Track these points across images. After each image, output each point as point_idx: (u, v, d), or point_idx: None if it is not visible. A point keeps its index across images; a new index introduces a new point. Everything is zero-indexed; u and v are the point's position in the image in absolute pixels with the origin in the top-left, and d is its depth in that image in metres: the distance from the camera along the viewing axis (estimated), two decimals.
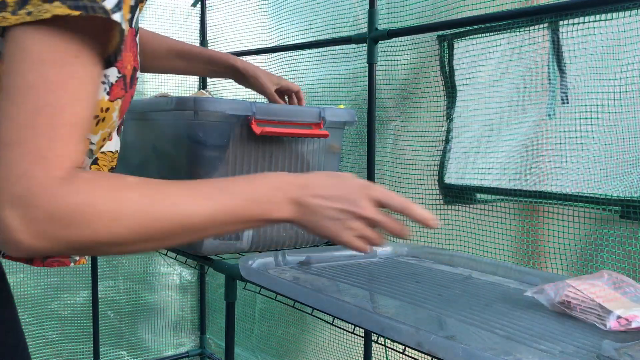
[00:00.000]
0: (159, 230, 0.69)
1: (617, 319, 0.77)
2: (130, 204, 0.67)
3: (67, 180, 0.64)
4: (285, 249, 1.30)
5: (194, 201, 0.72)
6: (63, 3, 0.62)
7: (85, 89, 0.67)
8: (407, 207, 0.87)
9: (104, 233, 0.66)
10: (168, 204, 0.70)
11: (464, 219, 1.48)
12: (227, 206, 0.74)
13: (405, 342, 0.74)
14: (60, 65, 0.65)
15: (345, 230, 0.83)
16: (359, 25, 1.75)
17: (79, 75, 0.66)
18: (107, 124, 0.79)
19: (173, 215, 0.70)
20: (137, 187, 0.69)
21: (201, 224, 0.72)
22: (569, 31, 1.27)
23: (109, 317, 2.38)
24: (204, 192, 0.74)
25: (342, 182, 0.84)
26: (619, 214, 1.20)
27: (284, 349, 2.13)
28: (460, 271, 1.15)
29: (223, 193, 0.75)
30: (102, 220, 0.65)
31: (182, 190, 0.72)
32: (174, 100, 1.29)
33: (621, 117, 1.17)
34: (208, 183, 0.77)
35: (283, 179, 0.81)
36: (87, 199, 0.65)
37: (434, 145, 1.56)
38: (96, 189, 0.66)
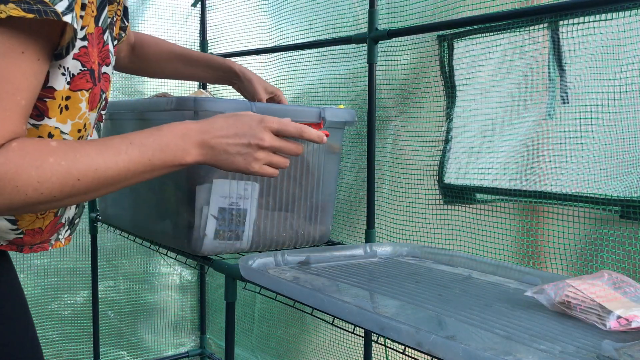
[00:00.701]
0: (81, 186, 0.79)
1: (617, 319, 0.77)
2: (53, 167, 0.76)
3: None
4: (285, 249, 1.30)
5: (109, 157, 0.81)
6: (17, 5, 0.70)
7: (27, 81, 0.75)
8: (301, 130, 1.00)
9: (33, 195, 0.75)
10: (86, 163, 0.79)
11: (464, 219, 1.48)
12: (139, 157, 0.84)
13: (405, 342, 0.74)
14: (6, 59, 0.73)
15: (253, 162, 0.94)
16: (359, 25, 1.75)
17: (23, 70, 0.74)
18: (75, 114, 0.84)
19: (92, 172, 0.79)
20: (58, 151, 0.77)
21: (119, 176, 0.82)
22: (568, 31, 1.27)
23: (109, 317, 2.38)
24: (117, 148, 0.82)
25: (239, 120, 0.93)
26: (619, 214, 1.20)
27: (284, 349, 2.13)
28: (460, 271, 1.15)
29: (134, 147, 0.83)
30: (30, 184, 0.74)
31: (98, 148, 0.81)
32: (174, 100, 1.29)
33: (621, 117, 1.17)
34: (121, 139, 0.84)
35: (186, 126, 0.89)
36: (15, 167, 0.73)
37: (434, 145, 1.56)
38: (23, 157, 0.74)
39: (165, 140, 0.86)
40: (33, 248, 0.95)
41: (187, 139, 0.88)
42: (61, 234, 0.99)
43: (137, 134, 0.85)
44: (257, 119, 0.95)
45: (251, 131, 0.93)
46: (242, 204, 1.34)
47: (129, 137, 0.84)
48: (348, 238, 1.79)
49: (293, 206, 1.41)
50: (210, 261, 1.32)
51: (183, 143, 0.88)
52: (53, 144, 0.78)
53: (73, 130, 0.86)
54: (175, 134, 0.87)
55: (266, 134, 0.94)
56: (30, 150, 0.75)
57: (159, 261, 2.47)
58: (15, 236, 0.90)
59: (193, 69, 1.44)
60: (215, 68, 1.44)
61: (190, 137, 0.89)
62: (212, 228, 1.32)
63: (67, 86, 0.83)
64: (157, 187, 1.41)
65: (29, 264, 2.19)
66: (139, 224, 1.57)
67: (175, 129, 0.88)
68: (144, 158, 0.84)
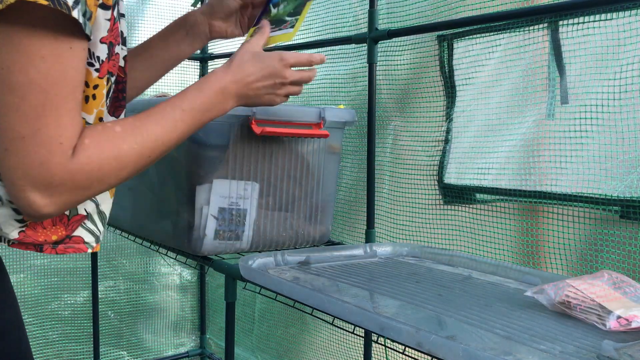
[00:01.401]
0: (152, 159, 0.86)
1: (617, 319, 0.77)
2: (129, 153, 0.82)
3: (77, 153, 0.76)
4: (285, 249, 1.30)
5: (169, 128, 0.88)
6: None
7: (80, 76, 0.77)
8: (310, 59, 1.10)
9: (115, 182, 0.83)
10: (153, 140, 0.85)
11: (464, 219, 1.48)
12: (192, 121, 0.91)
13: (405, 342, 0.74)
14: (58, 60, 0.72)
15: (277, 97, 1.05)
16: (359, 25, 1.75)
17: (75, 65, 0.75)
18: (99, 102, 0.85)
19: (160, 146, 0.86)
20: (126, 136, 0.82)
21: (179, 140, 0.90)
22: (568, 31, 1.27)
23: (109, 317, 2.38)
24: (172, 117, 0.89)
25: (264, 62, 1.02)
26: (619, 214, 1.20)
27: (284, 349, 2.13)
28: (460, 271, 1.15)
29: (186, 113, 0.90)
30: (113, 174, 0.81)
31: (157, 122, 0.87)
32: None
33: (621, 117, 1.17)
34: (172, 107, 0.90)
35: (222, 79, 0.96)
36: (98, 163, 0.78)
37: (434, 145, 1.56)
38: (102, 151, 0.79)
39: (209, 100, 0.94)
40: (58, 248, 0.89)
41: (226, 93, 0.96)
42: (88, 226, 0.92)
43: (183, 97, 0.91)
44: (277, 58, 1.03)
45: (275, 71, 1.02)
46: (242, 204, 1.34)
47: (177, 102, 0.90)
48: (348, 238, 1.79)
49: (293, 206, 1.41)
50: (210, 261, 1.32)
51: (223, 98, 0.96)
52: (118, 129, 0.82)
53: (96, 120, 0.86)
54: (215, 92, 0.95)
55: (287, 71, 1.03)
56: (104, 142, 0.79)
57: (159, 261, 2.47)
58: (20, 229, 0.85)
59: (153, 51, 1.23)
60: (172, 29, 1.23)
61: (229, 90, 0.97)
62: (212, 228, 1.32)
63: (96, 74, 0.83)
64: (157, 187, 1.41)
65: (29, 264, 2.19)
66: (139, 224, 1.57)
67: (214, 85, 0.95)
68: (195, 120, 0.92)
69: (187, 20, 1.20)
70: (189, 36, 1.20)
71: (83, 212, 0.90)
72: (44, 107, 0.73)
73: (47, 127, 0.73)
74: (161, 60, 1.21)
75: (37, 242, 0.86)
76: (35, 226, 0.86)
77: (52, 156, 0.74)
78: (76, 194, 0.78)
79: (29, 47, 0.71)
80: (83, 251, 0.91)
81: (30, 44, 0.71)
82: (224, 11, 1.18)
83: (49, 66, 0.72)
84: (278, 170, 1.36)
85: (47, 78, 0.72)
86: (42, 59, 0.71)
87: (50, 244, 0.88)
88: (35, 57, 0.71)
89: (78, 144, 0.77)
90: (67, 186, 0.76)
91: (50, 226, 0.87)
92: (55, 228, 0.88)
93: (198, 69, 2.45)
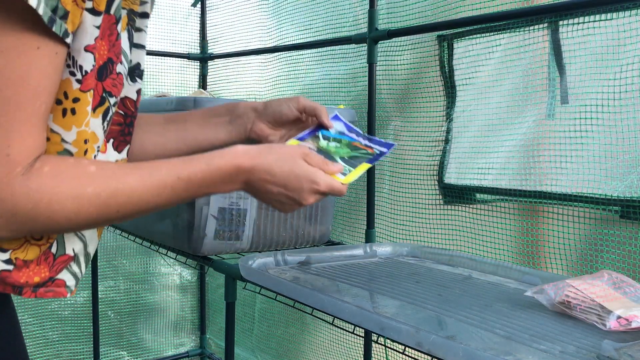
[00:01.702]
0: (118, 216, 0.74)
1: (617, 319, 0.77)
2: (91, 198, 0.70)
3: (28, 177, 0.66)
4: (285, 249, 1.30)
5: (152, 190, 0.75)
6: None
7: (48, 82, 0.67)
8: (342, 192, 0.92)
9: (66, 225, 0.70)
10: (127, 195, 0.73)
11: (464, 219, 1.48)
12: (183, 192, 0.79)
13: (405, 342, 0.74)
14: (20, 57, 0.63)
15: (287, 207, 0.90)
16: (359, 25, 1.75)
17: (41, 68, 0.65)
18: (82, 119, 0.74)
19: (132, 205, 0.74)
20: (97, 179, 0.71)
21: (157, 207, 0.77)
22: (568, 31, 1.27)
23: (109, 317, 2.38)
24: (163, 181, 0.76)
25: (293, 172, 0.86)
26: (619, 214, 1.20)
27: (284, 349, 2.13)
28: (460, 271, 1.15)
29: (181, 182, 0.78)
30: (65, 215, 0.69)
31: (141, 179, 0.74)
32: (174, 100, 1.29)
33: (621, 117, 1.17)
34: (168, 170, 0.78)
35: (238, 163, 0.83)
36: (49, 197, 0.67)
37: (434, 145, 1.56)
38: (58, 185, 0.68)
39: (213, 179, 0.81)
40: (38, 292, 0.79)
41: (236, 178, 0.84)
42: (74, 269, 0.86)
43: (185, 165, 0.79)
44: (311, 179, 0.88)
45: (300, 190, 0.87)
46: (242, 203, 1.34)
47: (176, 168, 0.78)
48: (348, 238, 1.79)
49: None
50: (210, 261, 1.32)
51: (230, 180, 0.84)
52: (92, 169, 0.71)
53: (78, 141, 0.75)
54: (224, 173, 0.82)
55: (312, 197, 0.89)
56: (66, 178, 0.69)
57: (159, 261, 2.47)
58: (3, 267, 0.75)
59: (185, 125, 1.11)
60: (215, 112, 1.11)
61: (239, 176, 0.84)
62: (212, 228, 1.32)
63: (78, 86, 0.73)
64: None
65: None
66: (139, 224, 1.57)
67: (226, 167, 0.82)
68: (188, 193, 0.79)
69: (235, 109, 1.06)
70: (230, 124, 1.06)
71: (70, 252, 0.82)
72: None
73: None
74: (194, 138, 1.07)
75: (17, 283, 0.76)
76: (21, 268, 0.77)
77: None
78: (15, 221, 0.67)
79: None
80: (62, 296, 0.83)
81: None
82: (276, 118, 1.04)
83: (7, 62, 0.63)
84: None
85: (3, 75, 0.63)
86: (1, 53, 0.62)
87: (32, 286, 0.78)
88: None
89: (36, 168, 0.67)
90: (5, 207, 0.65)
91: (34, 266, 0.78)
92: (38, 268, 0.78)
93: (198, 69, 2.45)
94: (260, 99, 2.16)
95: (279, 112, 1.03)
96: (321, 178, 0.88)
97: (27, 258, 0.77)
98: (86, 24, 0.71)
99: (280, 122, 1.04)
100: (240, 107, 1.06)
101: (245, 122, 1.06)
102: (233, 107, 1.06)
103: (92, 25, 0.72)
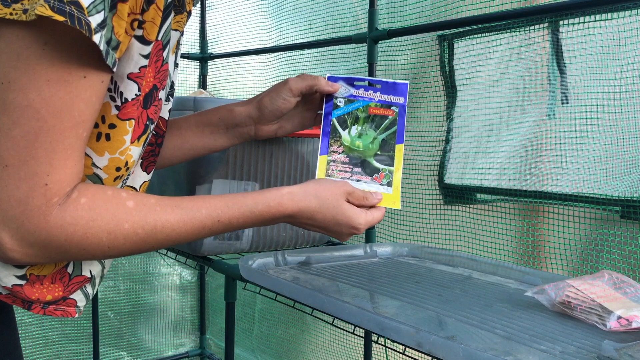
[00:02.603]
0: (151, 248, 0.74)
1: (618, 319, 0.77)
2: (128, 235, 0.69)
3: (65, 208, 0.65)
4: (285, 249, 1.29)
5: (190, 230, 0.75)
6: (46, 2, 0.57)
7: (91, 111, 0.65)
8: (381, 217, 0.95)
9: (99, 256, 0.70)
10: (165, 234, 0.73)
11: (464, 219, 1.48)
12: (220, 231, 0.79)
13: (405, 342, 0.74)
14: (65, 87, 0.62)
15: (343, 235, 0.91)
16: (359, 25, 1.75)
17: (86, 98, 0.64)
18: (116, 147, 0.72)
19: (168, 242, 0.74)
20: (135, 215, 0.70)
21: (189, 242, 0.80)
22: (569, 31, 1.27)
23: (109, 317, 2.38)
24: (203, 222, 0.76)
25: (335, 220, 0.88)
26: (620, 214, 1.19)
27: (284, 349, 2.13)
28: (460, 271, 1.15)
29: (221, 224, 0.78)
30: (100, 249, 0.68)
31: (182, 219, 0.74)
32: (174, 100, 1.29)
33: (621, 117, 1.17)
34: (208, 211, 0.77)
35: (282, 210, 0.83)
36: (84, 231, 0.66)
37: (434, 145, 1.56)
38: (94, 219, 0.67)
39: (253, 223, 0.82)
40: (47, 310, 0.80)
41: (277, 220, 0.84)
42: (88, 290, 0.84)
43: (227, 209, 0.79)
44: (351, 225, 0.89)
45: (338, 232, 0.90)
46: None
47: (217, 211, 0.77)
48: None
49: None
50: (210, 261, 1.32)
51: (271, 222, 0.84)
52: (130, 205, 0.70)
53: (109, 167, 0.73)
54: (265, 219, 0.82)
55: (349, 237, 0.92)
56: (103, 212, 0.67)
57: (159, 261, 2.47)
58: (16, 282, 0.75)
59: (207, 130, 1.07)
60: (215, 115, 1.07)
61: (281, 219, 0.85)
62: None
63: (116, 112, 0.71)
64: (157, 187, 1.41)
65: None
66: None
67: (268, 214, 0.82)
68: (224, 230, 0.80)
69: (229, 118, 1.03)
70: (228, 132, 1.04)
71: (87, 274, 0.81)
72: (37, 137, 0.62)
73: (35, 160, 0.62)
74: (191, 146, 1.05)
75: (28, 298, 0.76)
76: (34, 282, 0.76)
77: (32, 196, 0.63)
78: (48, 250, 0.66)
79: (36, 67, 0.61)
80: (71, 316, 0.82)
81: (37, 63, 0.60)
82: (276, 115, 1.01)
83: (54, 92, 0.61)
84: (278, 170, 1.36)
85: (49, 105, 0.61)
86: (47, 83, 0.61)
87: (42, 303, 0.78)
88: (40, 79, 0.61)
89: (72, 199, 0.66)
90: (39, 237, 0.64)
91: (48, 283, 0.77)
92: (53, 287, 0.77)
93: (198, 69, 2.45)
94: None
95: (277, 109, 1.00)
96: (361, 223, 0.90)
97: (42, 274, 0.76)
98: (132, 52, 0.69)
99: (280, 114, 1.01)
100: (235, 116, 1.02)
101: (246, 130, 1.04)
102: (226, 116, 1.03)
103: (139, 54, 0.70)
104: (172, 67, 0.82)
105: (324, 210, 0.86)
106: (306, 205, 0.85)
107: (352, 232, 0.90)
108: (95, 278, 0.83)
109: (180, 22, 0.79)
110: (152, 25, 0.69)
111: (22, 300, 0.76)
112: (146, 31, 0.69)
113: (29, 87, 0.61)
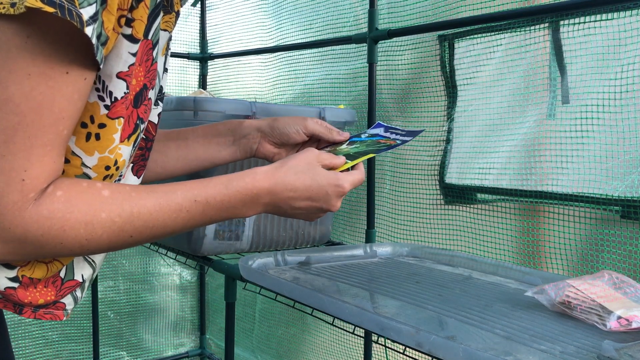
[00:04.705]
0: (133, 241, 0.72)
1: (618, 319, 0.77)
2: (105, 224, 0.68)
3: (40, 202, 0.64)
4: (285, 249, 1.29)
5: (168, 214, 0.73)
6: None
7: (73, 108, 0.65)
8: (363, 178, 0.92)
9: (78, 251, 0.69)
10: (143, 220, 0.71)
11: (465, 219, 1.48)
12: (200, 216, 0.77)
13: (405, 342, 0.74)
14: (47, 82, 0.61)
15: (314, 216, 0.89)
16: (359, 25, 1.74)
17: (68, 94, 0.63)
18: (105, 146, 0.72)
19: (147, 230, 0.72)
20: (111, 204, 0.69)
21: (173, 232, 0.75)
22: (569, 31, 1.27)
23: (109, 317, 2.38)
24: (179, 204, 0.74)
25: (315, 182, 0.85)
26: (620, 214, 1.19)
27: (284, 349, 2.13)
28: (460, 271, 1.15)
29: (198, 205, 0.76)
30: (77, 241, 0.67)
31: (157, 203, 0.72)
32: (174, 100, 1.29)
33: (621, 117, 1.17)
34: (184, 193, 0.75)
35: (258, 186, 0.81)
36: (61, 223, 0.65)
37: (435, 145, 1.56)
38: (71, 211, 0.66)
39: (232, 202, 0.79)
40: (37, 314, 0.78)
41: (257, 200, 0.81)
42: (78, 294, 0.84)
43: (202, 188, 0.77)
44: (334, 183, 0.86)
45: (326, 197, 0.86)
46: None
47: (193, 190, 0.76)
48: (348, 238, 1.78)
49: None
50: (210, 261, 1.32)
51: (251, 203, 0.81)
52: (105, 194, 0.69)
53: (99, 166, 0.73)
54: (244, 195, 0.80)
55: (339, 201, 0.88)
56: (79, 203, 0.66)
57: (159, 261, 2.47)
58: (9, 284, 0.74)
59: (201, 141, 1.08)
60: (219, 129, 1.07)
61: (261, 199, 0.82)
62: (211, 228, 1.32)
63: (105, 112, 0.70)
64: None
65: None
66: None
67: (246, 187, 0.80)
68: (205, 217, 0.77)
69: (238, 129, 1.04)
70: (234, 144, 1.04)
71: (79, 278, 0.81)
72: (15, 132, 0.61)
73: (13, 155, 0.61)
74: (195, 157, 1.04)
75: (20, 302, 0.75)
76: (28, 285, 0.75)
77: (8, 192, 0.62)
78: (25, 246, 0.65)
79: (17, 60, 0.59)
80: (59, 319, 0.80)
81: (19, 56, 0.59)
82: (283, 140, 1.02)
83: (34, 86, 0.60)
84: None
85: (29, 99, 0.60)
86: (28, 77, 0.60)
87: (33, 306, 0.76)
88: (21, 73, 0.60)
89: (48, 192, 0.65)
90: (15, 234, 0.63)
91: (41, 287, 0.76)
92: (45, 290, 0.77)
93: (198, 68, 2.45)
94: (260, 99, 2.15)
95: (286, 135, 1.01)
96: (343, 179, 0.87)
97: (34, 276, 0.75)
98: (120, 50, 0.69)
99: (286, 144, 1.02)
100: (244, 128, 1.03)
101: (250, 143, 1.04)
102: (236, 127, 1.04)
103: (128, 52, 0.69)
104: (162, 70, 0.81)
105: (301, 177, 0.84)
106: (282, 177, 0.83)
107: (338, 191, 0.86)
108: (86, 282, 0.83)
109: (169, 22, 0.79)
110: (141, 23, 0.69)
111: (14, 304, 0.75)
112: (135, 29, 0.69)
113: (9, 81, 0.60)
